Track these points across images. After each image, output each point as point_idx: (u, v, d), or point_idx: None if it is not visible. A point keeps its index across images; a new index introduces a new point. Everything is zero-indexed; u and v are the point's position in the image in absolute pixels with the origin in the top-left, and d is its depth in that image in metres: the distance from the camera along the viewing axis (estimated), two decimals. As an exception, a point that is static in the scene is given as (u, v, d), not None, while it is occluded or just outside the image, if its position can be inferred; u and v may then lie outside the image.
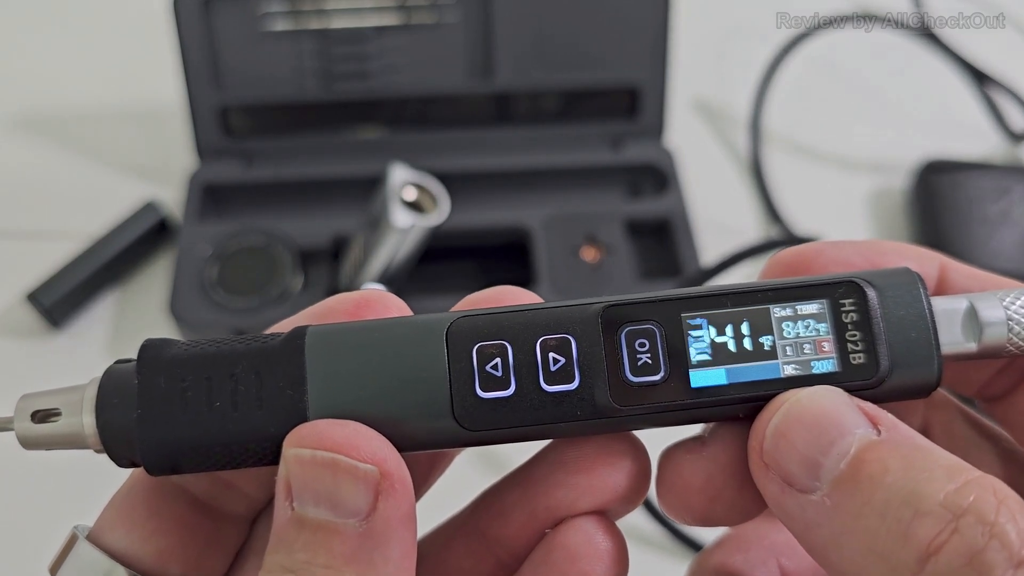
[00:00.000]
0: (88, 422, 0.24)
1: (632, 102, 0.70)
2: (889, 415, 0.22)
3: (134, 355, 0.24)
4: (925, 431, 0.28)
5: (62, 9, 0.83)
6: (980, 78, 0.75)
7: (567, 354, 0.24)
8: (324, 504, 0.22)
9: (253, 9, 0.65)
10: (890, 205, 0.71)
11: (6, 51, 0.80)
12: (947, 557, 0.19)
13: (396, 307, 0.26)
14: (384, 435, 0.23)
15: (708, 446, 0.25)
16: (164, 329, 0.62)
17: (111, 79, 0.78)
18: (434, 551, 0.28)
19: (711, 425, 0.25)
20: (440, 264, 0.64)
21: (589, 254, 0.65)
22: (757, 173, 0.72)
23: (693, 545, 0.54)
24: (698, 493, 0.25)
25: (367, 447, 0.22)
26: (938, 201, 0.67)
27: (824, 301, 0.24)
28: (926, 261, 0.27)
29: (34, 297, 0.61)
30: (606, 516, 0.26)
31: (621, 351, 0.24)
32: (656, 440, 0.26)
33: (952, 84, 0.76)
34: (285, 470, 0.22)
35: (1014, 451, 0.27)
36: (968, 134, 0.75)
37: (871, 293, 0.24)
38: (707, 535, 0.52)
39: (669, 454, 0.25)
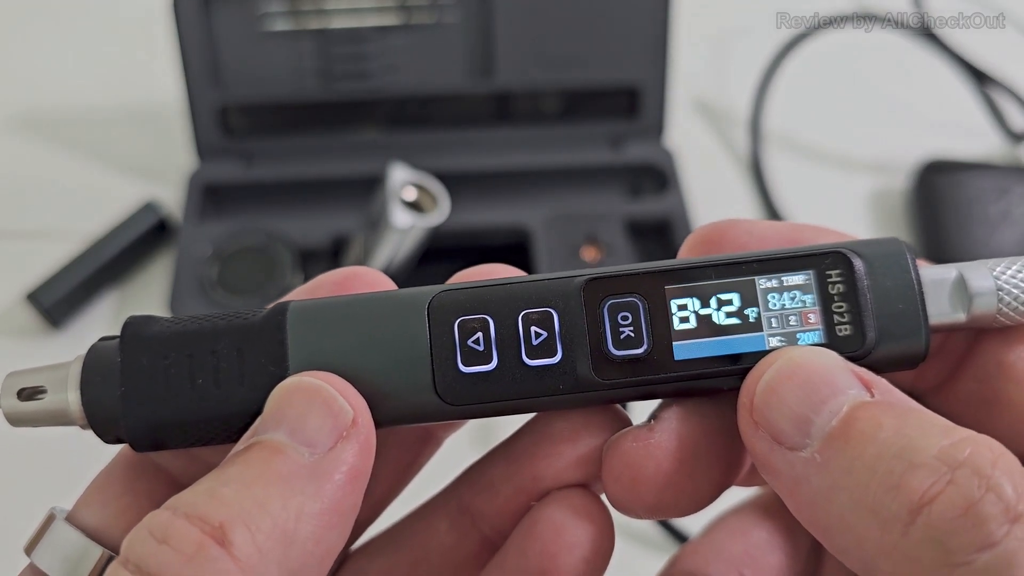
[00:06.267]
0: (73, 399, 0.24)
1: (632, 102, 0.70)
2: (882, 380, 0.22)
3: None
4: None
5: (62, 9, 0.83)
6: (980, 78, 0.75)
7: (549, 328, 0.24)
8: (285, 427, 0.22)
9: (253, 9, 0.65)
10: (890, 205, 0.71)
11: (6, 51, 0.81)
12: (941, 508, 0.19)
13: (381, 282, 0.26)
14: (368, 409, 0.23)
15: (655, 432, 0.24)
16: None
17: (111, 79, 0.78)
18: (417, 528, 0.28)
19: (658, 411, 0.25)
20: (440, 264, 0.63)
21: (589, 254, 0.65)
22: (757, 173, 0.72)
23: (684, 539, 0.53)
24: (647, 483, 0.24)
25: (352, 393, 0.23)
26: (938, 201, 0.67)
27: (810, 272, 0.24)
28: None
29: (34, 297, 0.61)
30: (592, 490, 0.26)
31: (604, 324, 0.24)
32: (646, 410, 0.26)
33: (952, 84, 0.76)
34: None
35: None
36: (968, 134, 0.75)
37: (858, 263, 0.24)
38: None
39: (615, 444, 0.24)
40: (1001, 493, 0.18)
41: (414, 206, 0.57)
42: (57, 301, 0.61)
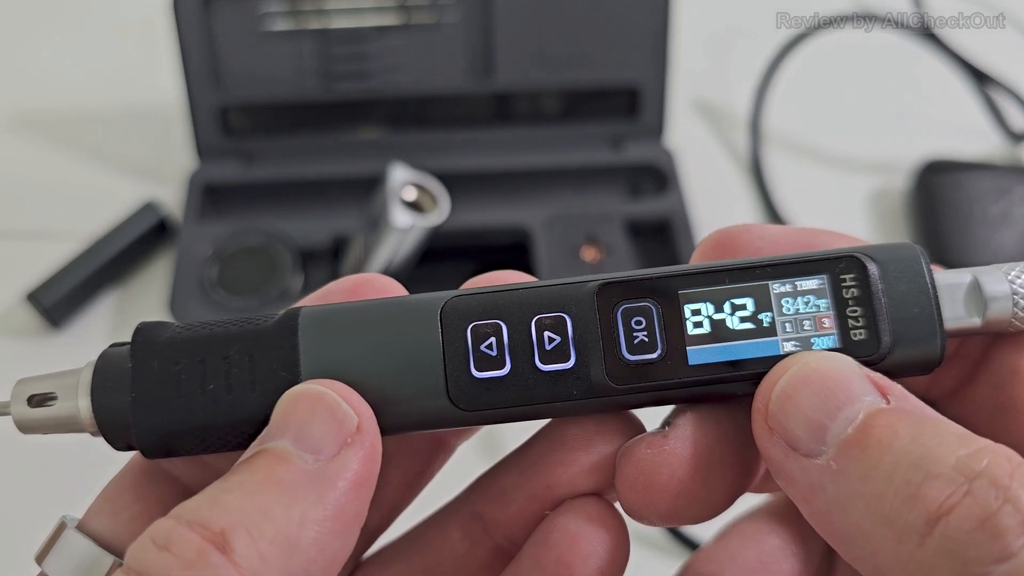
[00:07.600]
0: (84, 406, 0.23)
1: (632, 102, 0.70)
2: (898, 386, 0.22)
3: None
4: None
5: (62, 9, 0.83)
6: (980, 78, 0.75)
7: (563, 333, 0.24)
8: (290, 434, 0.22)
9: (253, 9, 0.65)
10: (890, 205, 0.71)
11: (6, 51, 0.80)
12: (958, 519, 0.18)
13: (393, 289, 0.26)
14: (380, 415, 0.23)
15: (670, 439, 0.24)
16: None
17: (111, 79, 0.78)
18: (430, 536, 0.28)
19: (672, 418, 0.25)
20: (440, 264, 0.64)
21: (589, 254, 0.65)
22: (757, 173, 0.72)
23: (694, 546, 0.53)
24: (661, 490, 0.23)
25: (357, 400, 0.23)
26: (938, 201, 0.67)
27: (824, 276, 0.24)
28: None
29: (34, 297, 0.61)
30: (606, 498, 0.25)
31: (617, 329, 0.24)
32: (657, 417, 0.25)
33: (952, 84, 0.76)
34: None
35: None
36: (968, 134, 0.75)
37: (872, 268, 0.23)
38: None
39: (629, 451, 0.24)
40: (1019, 505, 0.18)
41: (414, 206, 0.57)
42: (57, 301, 0.61)
